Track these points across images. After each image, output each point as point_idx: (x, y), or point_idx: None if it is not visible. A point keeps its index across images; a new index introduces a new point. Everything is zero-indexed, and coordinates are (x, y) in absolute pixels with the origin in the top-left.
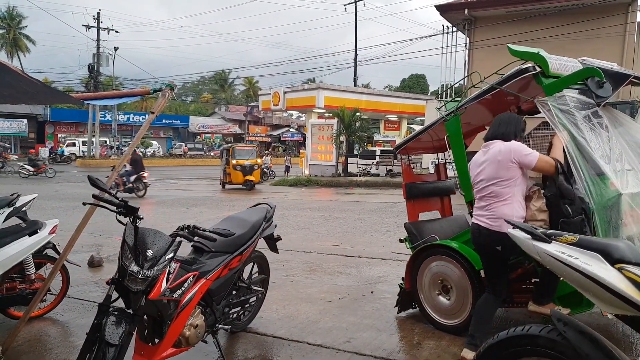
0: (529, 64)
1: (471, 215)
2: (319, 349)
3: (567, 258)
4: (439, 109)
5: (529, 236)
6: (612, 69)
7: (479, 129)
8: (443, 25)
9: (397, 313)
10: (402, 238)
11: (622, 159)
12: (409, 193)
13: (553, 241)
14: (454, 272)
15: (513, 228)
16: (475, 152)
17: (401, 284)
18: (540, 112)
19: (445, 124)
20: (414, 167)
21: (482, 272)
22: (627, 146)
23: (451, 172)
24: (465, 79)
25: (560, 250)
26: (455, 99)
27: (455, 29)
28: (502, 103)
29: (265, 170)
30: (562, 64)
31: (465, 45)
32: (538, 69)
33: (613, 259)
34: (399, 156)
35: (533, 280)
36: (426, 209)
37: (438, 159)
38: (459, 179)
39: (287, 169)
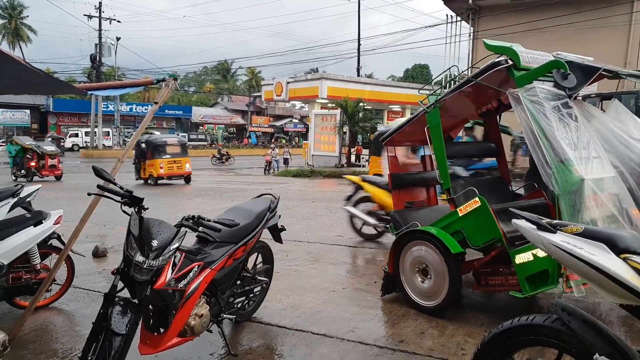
0: (502, 58)
1: (449, 202)
2: (323, 338)
3: (572, 248)
4: (421, 101)
5: (534, 226)
6: (582, 63)
7: (463, 121)
8: (447, 15)
9: (381, 296)
10: (387, 225)
11: (589, 147)
12: (394, 183)
13: (558, 231)
14: (432, 256)
15: (518, 218)
16: (461, 142)
17: (385, 268)
18: None
19: (426, 115)
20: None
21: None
22: (596, 136)
23: None
24: (470, 69)
25: (565, 241)
26: (436, 91)
27: (459, 18)
28: (484, 96)
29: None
30: (534, 57)
31: (470, 35)
32: (510, 62)
33: (618, 249)
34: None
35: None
36: (411, 199)
37: (424, 150)
38: (438, 168)
39: (285, 161)
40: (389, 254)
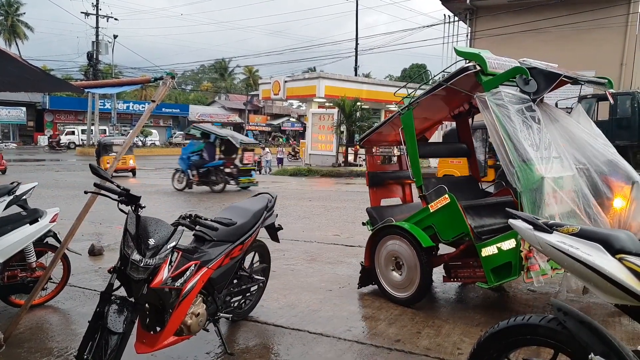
0: (471, 63)
1: (421, 199)
2: (319, 337)
3: (568, 248)
4: (397, 103)
5: (531, 226)
6: (545, 69)
7: (437, 123)
8: (445, 15)
9: (358, 289)
10: (364, 222)
11: (550, 148)
12: (371, 181)
13: (554, 231)
14: (405, 250)
15: (514, 218)
16: (434, 142)
17: (362, 262)
18: None
19: (400, 117)
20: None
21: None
22: (558, 138)
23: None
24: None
25: (561, 241)
26: (410, 94)
27: (457, 18)
28: (456, 99)
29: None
30: (501, 63)
31: (467, 35)
32: (478, 68)
33: (614, 250)
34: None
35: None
36: (388, 196)
37: (400, 150)
38: (411, 166)
39: (280, 161)
40: (365, 248)
